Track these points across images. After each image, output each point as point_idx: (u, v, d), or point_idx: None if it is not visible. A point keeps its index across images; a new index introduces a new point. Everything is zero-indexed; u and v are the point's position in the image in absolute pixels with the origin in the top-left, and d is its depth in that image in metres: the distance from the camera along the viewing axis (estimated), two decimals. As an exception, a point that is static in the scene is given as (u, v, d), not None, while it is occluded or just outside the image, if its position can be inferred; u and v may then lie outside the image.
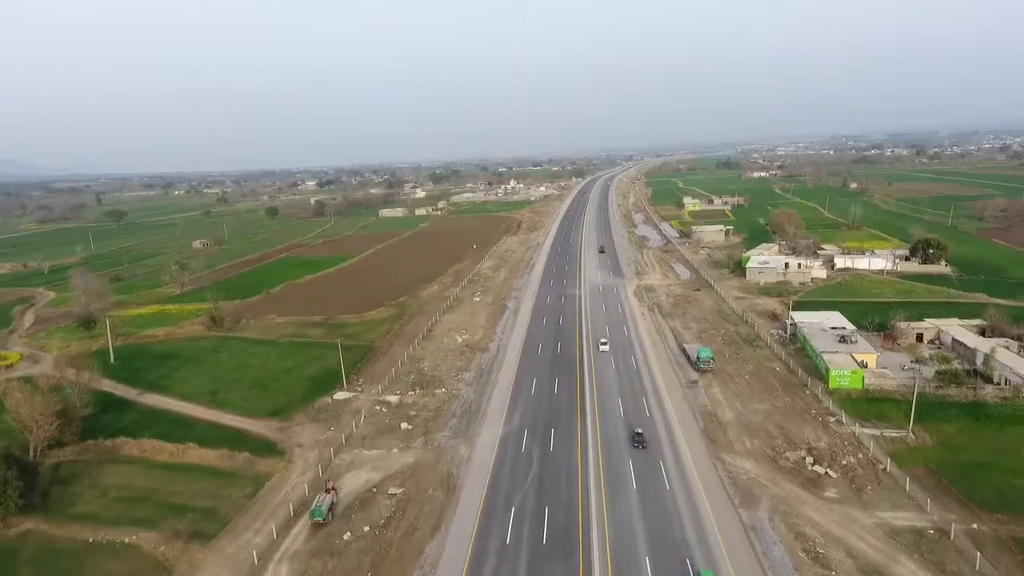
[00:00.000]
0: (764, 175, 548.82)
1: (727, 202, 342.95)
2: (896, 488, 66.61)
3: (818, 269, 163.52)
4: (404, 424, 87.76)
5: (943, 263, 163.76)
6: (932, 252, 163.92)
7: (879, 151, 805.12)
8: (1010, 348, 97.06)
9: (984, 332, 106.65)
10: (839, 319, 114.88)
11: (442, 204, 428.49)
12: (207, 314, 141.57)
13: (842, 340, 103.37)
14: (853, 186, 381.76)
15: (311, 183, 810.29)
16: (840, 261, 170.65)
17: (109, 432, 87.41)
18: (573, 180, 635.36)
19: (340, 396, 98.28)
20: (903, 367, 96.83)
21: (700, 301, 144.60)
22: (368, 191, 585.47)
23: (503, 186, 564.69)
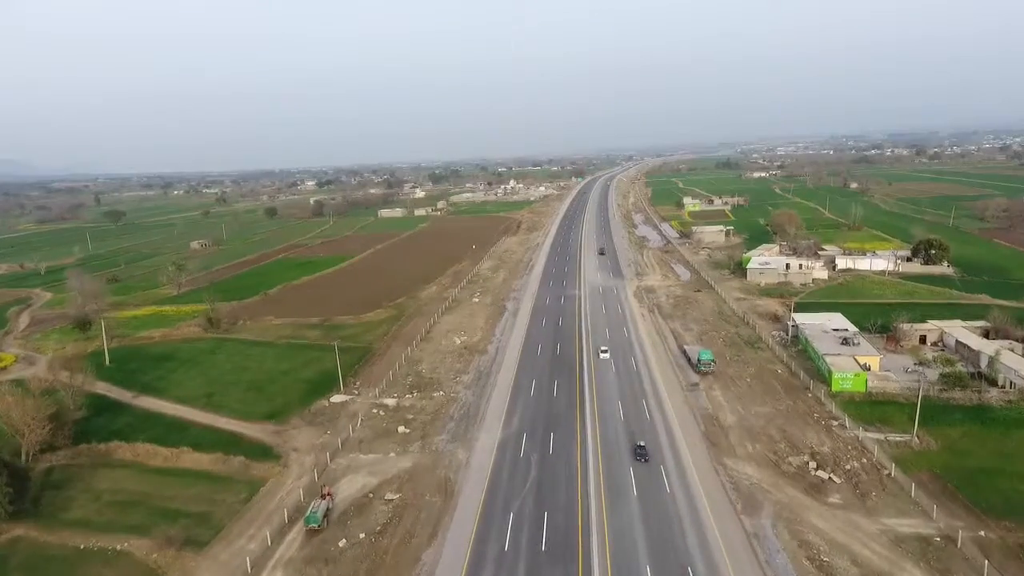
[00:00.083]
0: (764, 175, 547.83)
1: (727, 202, 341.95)
2: (901, 494, 65.53)
3: (819, 270, 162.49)
4: (401, 428, 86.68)
5: (945, 264, 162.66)
6: (934, 253, 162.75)
7: (879, 151, 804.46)
8: (1014, 350, 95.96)
9: (988, 334, 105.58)
10: (841, 321, 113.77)
11: (441, 204, 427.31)
12: (204, 315, 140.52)
13: (844, 342, 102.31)
14: (853, 186, 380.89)
15: (310, 183, 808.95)
16: (841, 262, 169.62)
17: (103, 436, 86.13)
18: (573, 180, 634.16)
19: (337, 399, 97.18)
20: (906, 370, 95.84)
21: (700, 302, 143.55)
22: (367, 191, 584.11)
23: (503, 186, 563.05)
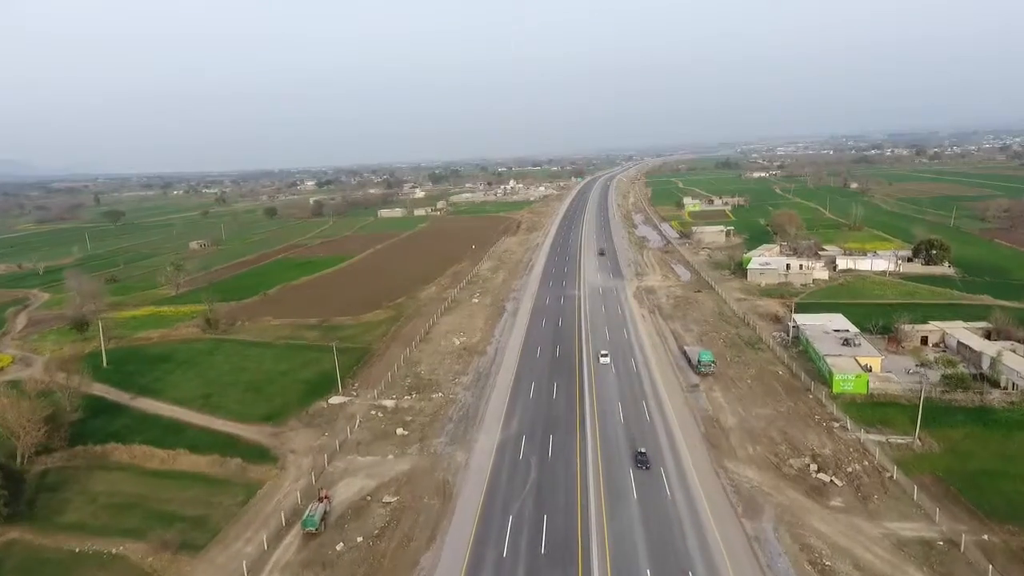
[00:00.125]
0: (764, 175, 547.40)
1: (727, 202, 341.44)
2: (903, 497, 64.95)
3: (820, 270, 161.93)
4: (400, 430, 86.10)
5: (946, 264, 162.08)
6: (935, 253, 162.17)
7: (879, 151, 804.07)
8: (1016, 351, 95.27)
9: (989, 335, 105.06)
10: (842, 321, 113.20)
11: (441, 204, 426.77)
12: (202, 316, 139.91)
13: (845, 343, 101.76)
14: (854, 186, 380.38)
15: (310, 183, 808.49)
16: (842, 262, 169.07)
17: (99, 438, 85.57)
18: (573, 180, 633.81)
19: (335, 400, 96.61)
20: (908, 371, 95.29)
21: (701, 303, 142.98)
22: (367, 191, 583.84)
23: (502, 186, 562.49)
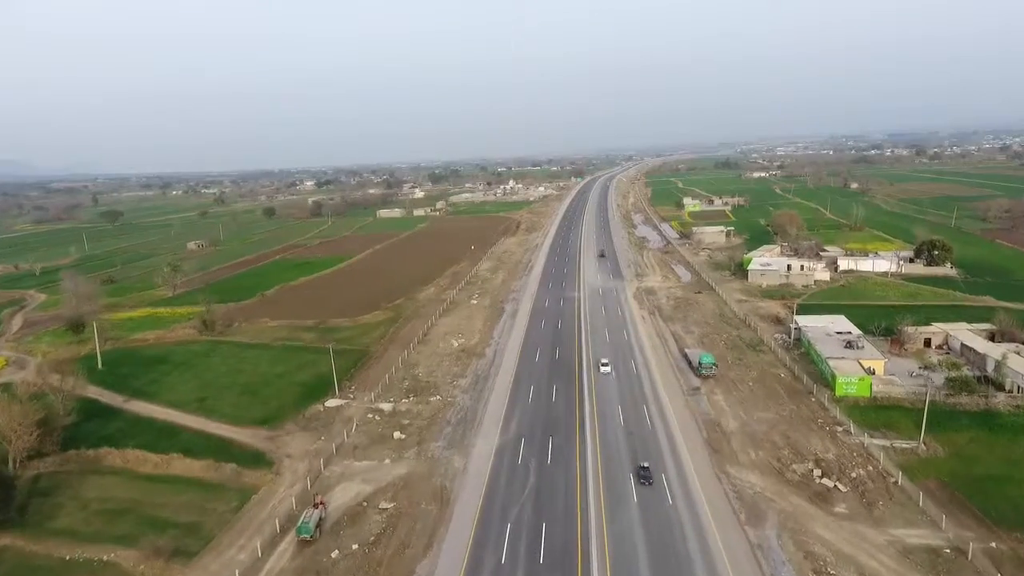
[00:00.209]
0: (764, 175, 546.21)
1: (727, 203, 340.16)
2: (909, 503, 63.85)
3: (821, 271, 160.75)
4: (397, 433, 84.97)
5: (948, 265, 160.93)
6: (937, 254, 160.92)
7: (879, 151, 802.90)
8: (1021, 354, 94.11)
9: (993, 337, 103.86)
10: (844, 323, 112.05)
11: (440, 204, 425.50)
12: (199, 317, 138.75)
13: (848, 345, 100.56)
14: (854, 186, 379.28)
15: (309, 183, 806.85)
16: (844, 263, 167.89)
17: (92, 442, 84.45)
18: (572, 180, 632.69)
19: (332, 403, 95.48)
20: (911, 374, 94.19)
21: (701, 304, 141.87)
22: (366, 191, 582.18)
23: (502, 186, 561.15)
